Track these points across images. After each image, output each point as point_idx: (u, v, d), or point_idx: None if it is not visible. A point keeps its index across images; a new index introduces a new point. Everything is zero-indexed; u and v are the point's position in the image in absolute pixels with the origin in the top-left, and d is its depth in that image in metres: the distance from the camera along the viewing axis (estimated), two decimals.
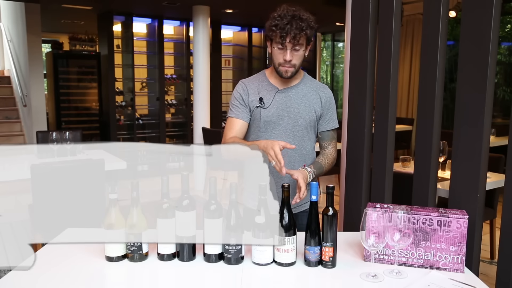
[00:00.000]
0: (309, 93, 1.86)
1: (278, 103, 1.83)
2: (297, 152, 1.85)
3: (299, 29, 1.67)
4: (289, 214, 1.43)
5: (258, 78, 1.90)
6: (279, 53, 1.75)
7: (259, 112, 1.83)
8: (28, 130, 6.50)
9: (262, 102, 1.82)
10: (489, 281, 1.63)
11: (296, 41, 1.70)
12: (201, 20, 5.76)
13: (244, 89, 1.86)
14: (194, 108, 5.99)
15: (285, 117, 1.83)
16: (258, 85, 1.87)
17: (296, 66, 1.77)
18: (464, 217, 1.43)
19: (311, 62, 8.54)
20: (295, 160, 1.85)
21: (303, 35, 1.70)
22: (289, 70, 1.77)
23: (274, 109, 1.83)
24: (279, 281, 1.37)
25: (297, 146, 1.82)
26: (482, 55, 1.62)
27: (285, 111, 1.83)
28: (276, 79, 1.86)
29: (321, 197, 1.69)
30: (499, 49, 6.39)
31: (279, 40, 1.71)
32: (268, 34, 1.76)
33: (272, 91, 1.85)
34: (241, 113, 1.85)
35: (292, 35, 1.67)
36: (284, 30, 1.67)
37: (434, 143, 1.81)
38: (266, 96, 1.84)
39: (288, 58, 1.73)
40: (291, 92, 1.85)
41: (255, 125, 1.86)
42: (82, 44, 7.34)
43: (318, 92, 1.88)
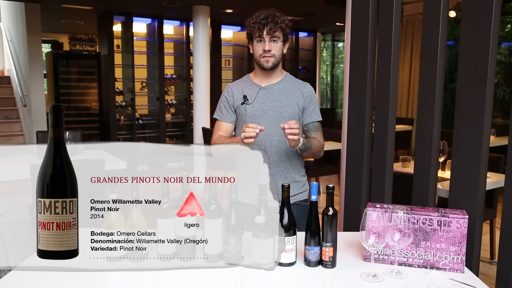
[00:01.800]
0: (291, 89, 1.97)
1: (261, 98, 1.95)
2: (283, 143, 1.91)
3: (275, 23, 1.86)
4: (289, 214, 1.43)
5: (242, 80, 2.05)
6: (259, 46, 1.89)
7: (244, 109, 1.95)
8: (28, 130, 6.50)
9: (246, 99, 1.96)
10: (489, 281, 1.63)
11: (273, 32, 1.86)
12: (201, 20, 5.77)
13: (229, 91, 2.01)
14: (194, 108, 5.99)
15: (269, 110, 1.93)
16: (242, 86, 2.01)
17: (276, 56, 1.90)
18: (464, 217, 1.43)
19: (311, 62, 8.54)
20: (282, 150, 1.93)
21: (279, 28, 1.87)
22: (270, 60, 1.89)
23: (258, 104, 1.94)
24: (279, 281, 1.37)
25: (284, 137, 1.87)
26: (482, 55, 1.62)
27: (269, 105, 1.93)
28: (259, 78, 1.98)
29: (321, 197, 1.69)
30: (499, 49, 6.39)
31: (258, 33, 1.87)
32: (248, 32, 1.93)
33: (256, 88, 1.97)
34: (226, 115, 2.00)
35: (269, 27, 1.85)
36: (261, 24, 1.86)
37: (434, 143, 1.81)
38: (250, 93, 1.97)
39: (267, 48, 1.87)
40: (273, 88, 1.96)
41: (242, 121, 1.96)
42: (82, 44, 7.34)
43: (300, 88, 1.99)
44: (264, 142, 1.91)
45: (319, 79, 9.01)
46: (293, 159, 1.96)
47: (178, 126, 7.13)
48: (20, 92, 6.59)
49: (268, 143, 1.92)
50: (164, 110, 6.76)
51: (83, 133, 4.42)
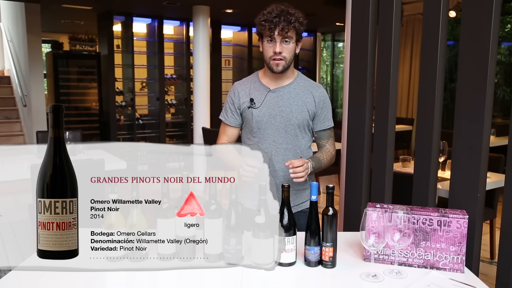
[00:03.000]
0: (302, 92, 1.85)
1: (269, 102, 1.83)
2: (290, 151, 1.84)
3: (287, 22, 1.71)
4: (289, 214, 1.43)
5: (250, 80, 1.92)
6: (269, 47, 1.77)
7: (250, 113, 1.85)
8: (28, 130, 6.50)
9: (252, 102, 1.84)
10: (489, 281, 1.63)
11: (285, 33, 1.72)
12: (201, 20, 5.77)
13: (235, 92, 1.90)
14: (194, 108, 5.99)
15: (277, 116, 1.83)
16: (249, 86, 1.88)
17: (287, 59, 1.78)
18: (464, 217, 1.43)
19: (311, 62, 8.54)
20: (289, 158, 1.83)
21: (292, 28, 1.73)
22: (280, 63, 1.77)
23: (266, 109, 1.83)
24: (279, 281, 1.37)
25: (291, 145, 1.84)
26: (482, 55, 1.62)
27: (277, 110, 1.83)
28: (268, 79, 1.86)
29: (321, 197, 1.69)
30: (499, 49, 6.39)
31: (268, 33, 1.73)
32: (258, 29, 1.80)
33: (264, 91, 1.85)
34: (231, 117, 1.90)
35: (281, 27, 1.71)
36: (273, 22, 1.71)
37: (434, 143, 1.81)
38: (257, 96, 1.85)
39: (278, 50, 1.74)
40: (283, 92, 1.84)
41: (248, 125, 1.87)
42: (82, 44, 7.34)
43: (311, 91, 1.87)
44: (271, 149, 1.83)
45: (319, 79, 9.02)
46: None
47: (178, 126, 7.13)
48: (20, 92, 6.59)
49: (274, 150, 1.83)
50: (164, 110, 6.75)
51: (83, 133, 4.42)
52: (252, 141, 1.87)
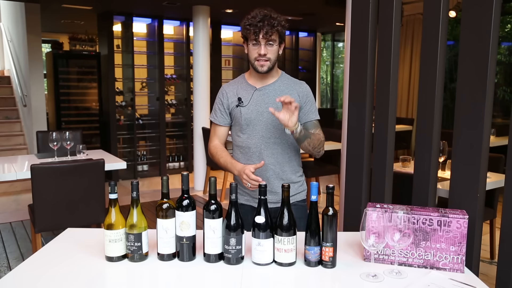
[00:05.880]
0: (286, 89, 1.95)
1: (256, 100, 1.93)
2: (279, 145, 1.92)
3: (271, 26, 1.80)
4: (289, 214, 1.43)
5: (237, 81, 2.03)
6: (254, 49, 1.86)
7: (239, 111, 1.94)
8: (28, 130, 6.50)
9: (240, 101, 1.95)
10: (489, 281, 1.63)
11: (269, 36, 1.81)
12: (201, 20, 5.76)
13: (224, 93, 2.00)
14: (194, 108, 5.99)
15: (264, 112, 1.91)
16: (237, 87, 1.99)
17: (271, 60, 1.87)
18: (464, 217, 1.43)
19: (311, 62, 8.54)
20: (277, 152, 1.93)
21: (275, 31, 1.82)
22: (265, 64, 1.86)
23: (253, 106, 1.93)
24: (279, 281, 1.37)
25: (279, 140, 1.93)
26: (482, 55, 1.62)
27: (264, 107, 1.92)
28: (254, 79, 1.96)
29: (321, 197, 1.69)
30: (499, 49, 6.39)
31: (253, 36, 1.83)
32: (243, 33, 1.89)
33: (250, 90, 1.95)
34: (220, 117, 2.00)
35: (265, 31, 1.80)
36: (257, 27, 1.80)
37: (434, 143, 1.81)
38: (244, 95, 1.95)
39: (263, 52, 1.83)
40: (268, 90, 1.94)
41: (237, 123, 1.97)
42: (82, 44, 7.33)
43: (295, 87, 1.97)
44: (260, 144, 1.91)
45: (319, 79, 9.01)
46: (290, 160, 1.96)
47: (178, 126, 7.12)
48: (20, 92, 6.59)
49: (263, 145, 1.91)
50: (164, 110, 6.75)
51: (83, 133, 4.41)
52: (241, 137, 1.96)
